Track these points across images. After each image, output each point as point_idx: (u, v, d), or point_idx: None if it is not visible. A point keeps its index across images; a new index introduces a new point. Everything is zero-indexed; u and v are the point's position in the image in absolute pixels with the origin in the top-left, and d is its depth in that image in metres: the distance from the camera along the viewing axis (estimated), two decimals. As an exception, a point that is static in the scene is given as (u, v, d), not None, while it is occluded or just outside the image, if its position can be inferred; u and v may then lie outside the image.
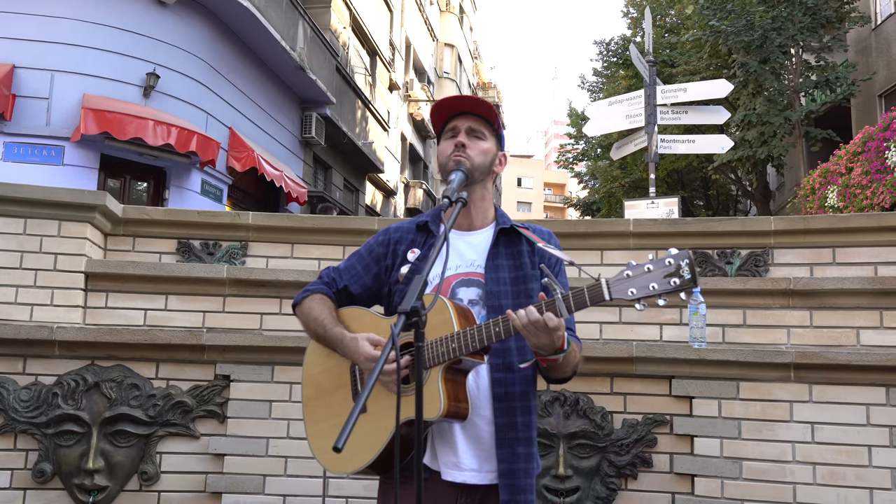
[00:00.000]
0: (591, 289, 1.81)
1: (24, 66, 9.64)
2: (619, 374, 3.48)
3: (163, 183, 10.87)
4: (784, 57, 14.86)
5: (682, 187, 21.54)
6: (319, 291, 2.18)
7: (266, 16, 12.01)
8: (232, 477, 3.49)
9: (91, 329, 3.57)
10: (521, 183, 65.98)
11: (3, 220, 3.82)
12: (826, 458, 3.22)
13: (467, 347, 1.88)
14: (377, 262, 2.18)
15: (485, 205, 2.17)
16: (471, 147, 2.09)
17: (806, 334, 3.72)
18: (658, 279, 1.76)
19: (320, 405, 2.10)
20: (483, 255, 2.10)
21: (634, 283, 1.78)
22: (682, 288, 1.74)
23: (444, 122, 2.17)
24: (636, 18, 20.47)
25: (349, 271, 2.21)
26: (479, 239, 2.14)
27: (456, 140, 2.10)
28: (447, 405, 1.87)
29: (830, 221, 4.04)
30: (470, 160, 2.08)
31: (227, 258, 4.23)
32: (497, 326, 1.87)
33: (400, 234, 2.19)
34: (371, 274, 2.18)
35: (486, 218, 2.18)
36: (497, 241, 2.12)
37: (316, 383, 2.14)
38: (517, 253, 2.12)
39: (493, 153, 2.15)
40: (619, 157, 11.35)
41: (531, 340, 1.85)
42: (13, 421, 3.44)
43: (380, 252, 2.18)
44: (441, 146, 2.14)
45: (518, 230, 2.14)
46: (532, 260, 2.11)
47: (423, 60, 27.83)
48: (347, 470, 2.01)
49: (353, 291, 2.18)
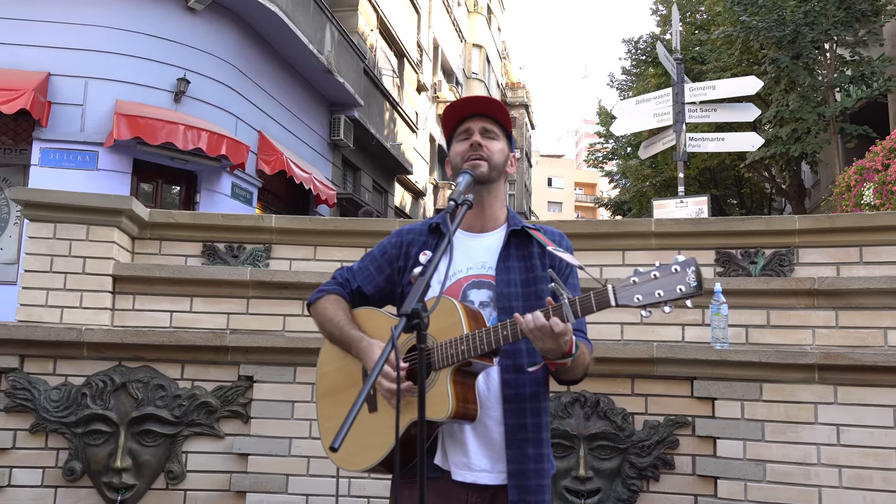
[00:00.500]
0: (597, 294, 1.82)
1: (59, 74, 9.84)
2: (640, 376, 3.47)
3: (194, 186, 11.04)
4: (817, 52, 14.60)
5: (714, 186, 21.28)
6: (333, 292, 2.22)
7: (294, 20, 12.13)
8: (256, 476, 3.54)
9: (118, 331, 3.65)
10: (552, 183, 65.71)
11: (34, 224, 3.91)
12: (852, 461, 3.17)
13: (476, 350, 1.89)
14: (390, 264, 2.20)
15: (497, 206, 2.18)
16: (486, 147, 2.11)
17: (831, 335, 3.66)
18: (664, 286, 1.77)
19: (333, 403, 2.13)
20: (494, 256, 2.11)
21: (640, 289, 1.79)
22: (687, 296, 1.75)
23: (454, 126, 2.18)
24: (665, 16, 20.27)
25: (362, 272, 2.23)
26: (490, 241, 2.15)
27: (471, 140, 2.11)
28: (455, 406, 1.89)
29: (857, 220, 3.97)
30: (489, 160, 2.10)
31: (251, 260, 4.29)
32: (505, 330, 1.88)
33: (412, 236, 2.20)
34: (384, 275, 2.21)
35: (497, 220, 2.19)
36: (508, 243, 2.12)
37: (329, 381, 2.17)
38: (528, 255, 2.12)
39: (506, 153, 2.17)
40: (647, 156, 11.24)
41: (538, 345, 1.86)
42: (44, 420, 3.53)
43: (392, 254, 2.20)
44: (455, 148, 2.16)
45: (529, 232, 2.15)
46: (543, 262, 2.12)
47: (451, 61, 27.85)
48: (358, 467, 2.04)
49: (367, 292, 2.21)
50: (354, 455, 2.04)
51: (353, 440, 2.01)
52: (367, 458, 2.02)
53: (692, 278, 1.74)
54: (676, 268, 1.76)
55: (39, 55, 9.78)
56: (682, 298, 1.75)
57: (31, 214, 3.92)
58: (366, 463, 2.02)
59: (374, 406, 2.04)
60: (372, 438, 1.99)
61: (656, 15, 21.53)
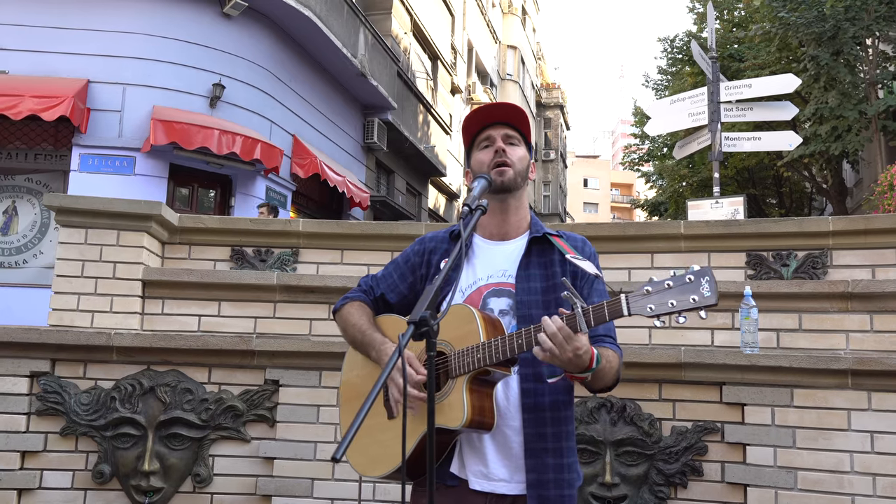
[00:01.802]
0: (610, 304, 1.79)
1: (97, 81, 10.05)
2: (668, 381, 3.41)
3: (229, 190, 11.18)
4: (858, 48, 14.26)
5: (752, 185, 20.91)
6: (358, 299, 2.23)
7: (327, 24, 12.22)
8: (281, 480, 3.56)
9: (146, 335, 3.69)
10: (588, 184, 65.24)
11: (66, 230, 3.99)
12: (887, 469, 3.08)
13: (492, 358, 1.87)
14: (413, 272, 2.20)
15: (521, 214, 2.16)
16: (510, 153, 2.09)
17: (865, 339, 3.56)
18: (677, 296, 1.74)
19: (354, 409, 2.13)
20: (515, 264, 2.08)
21: (653, 299, 1.76)
22: (700, 306, 1.72)
23: (473, 134, 2.16)
24: (701, 13, 19.98)
25: (386, 280, 2.24)
26: (511, 248, 2.12)
27: (496, 147, 2.09)
28: (471, 415, 1.87)
29: (893, 221, 3.85)
30: (513, 167, 2.08)
31: (278, 265, 4.32)
32: (520, 338, 1.86)
33: (434, 244, 2.20)
34: (407, 283, 2.21)
35: (520, 227, 2.16)
36: (529, 251, 2.10)
37: (351, 387, 2.18)
38: (549, 262, 2.09)
39: (528, 160, 2.15)
40: (682, 156, 11.09)
41: (556, 355, 1.82)
42: (74, 424, 3.59)
43: (415, 261, 2.21)
44: (477, 156, 2.13)
45: (550, 239, 2.12)
46: (564, 269, 2.08)
47: (486, 63, 27.81)
48: (376, 473, 2.04)
49: (390, 300, 2.22)
50: (374, 461, 2.04)
51: (373, 446, 2.03)
52: (384, 465, 2.01)
53: (706, 288, 1.71)
54: (690, 277, 1.74)
55: (78, 63, 9.99)
56: (695, 309, 1.72)
57: (62, 220, 4.00)
58: (383, 470, 2.02)
59: (391, 413, 2.03)
60: (390, 445, 1.98)
61: (693, 13, 21.23)
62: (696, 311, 1.72)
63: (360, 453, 2.05)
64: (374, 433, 2.02)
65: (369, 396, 1.52)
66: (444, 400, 1.91)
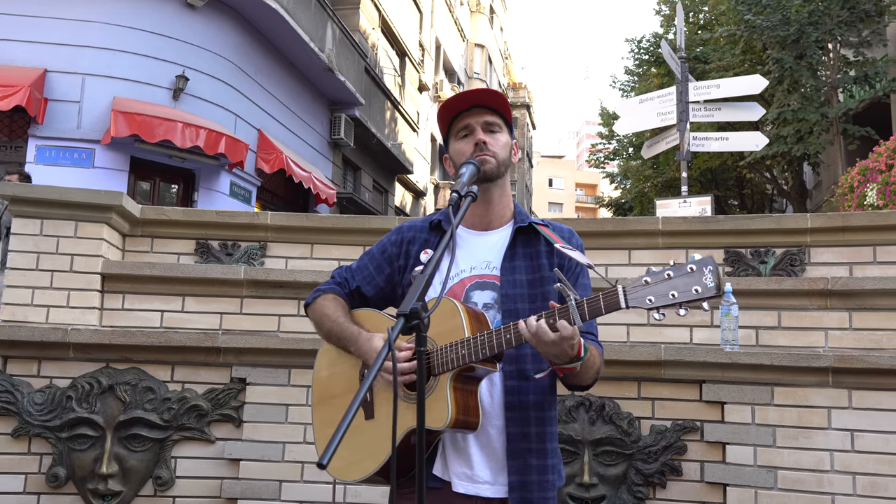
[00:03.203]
0: (606, 296, 1.69)
1: (55, 70, 9.76)
2: (647, 379, 3.34)
3: (192, 185, 10.94)
4: (821, 52, 14.48)
5: (715, 186, 21.16)
6: (331, 291, 2.11)
7: (295, 17, 12.03)
8: (248, 482, 3.42)
9: (105, 331, 3.52)
10: (553, 183, 65.60)
11: (20, 220, 3.79)
12: (867, 468, 3.05)
13: (477, 354, 1.77)
14: (390, 263, 2.09)
15: (504, 202, 2.05)
16: (491, 143, 1.97)
17: (845, 337, 3.54)
18: (679, 287, 1.64)
19: (328, 410, 2.03)
20: (499, 255, 1.98)
21: (653, 290, 1.66)
22: (704, 297, 1.62)
23: (450, 121, 2.04)
24: (668, 16, 20.17)
25: (361, 272, 2.12)
26: (495, 239, 2.02)
27: (476, 138, 1.97)
28: (455, 414, 1.78)
29: (870, 218, 3.85)
30: (496, 157, 1.97)
31: (245, 259, 4.17)
32: (508, 333, 1.76)
33: (413, 234, 2.08)
34: (384, 275, 2.09)
35: (504, 217, 2.05)
36: (514, 241, 1.99)
37: (325, 387, 2.07)
38: (535, 253, 1.99)
39: (510, 145, 2.04)
40: (651, 155, 11.14)
41: (542, 350, 1.73)
42: (27, 424, 3.40)
43: (392, 252, 2.09)
44: (457, 146, 2.01)
45: (536, 228, 2.02)
46: (551, 261, 1.98)
47: (454, 61, 27.76)
48: (354, 477, 1.93)
49: (366, 293, 2.10)
50: (350, 465, 1.93)
51: (349, 449, 1.90)
52: (363, 467, 1.91)
53: (710, 279, 1.62)
54: (692, 267, 1.64)
55: (36, 51, 9.69)
56: (699, 300, 1.63)
57: (17, 210, 3.80)
58: (361, 473, 1.91)
59: (370, 413, 1.92)
60: (368, 447, 1.89)
61: (660, 15, 21.42)
62: (699, 303, 1.63)
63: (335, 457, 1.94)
64: (350, 436, 1.90)
65: (356, 397, 1.40)
66: (427, 398, 1.80)
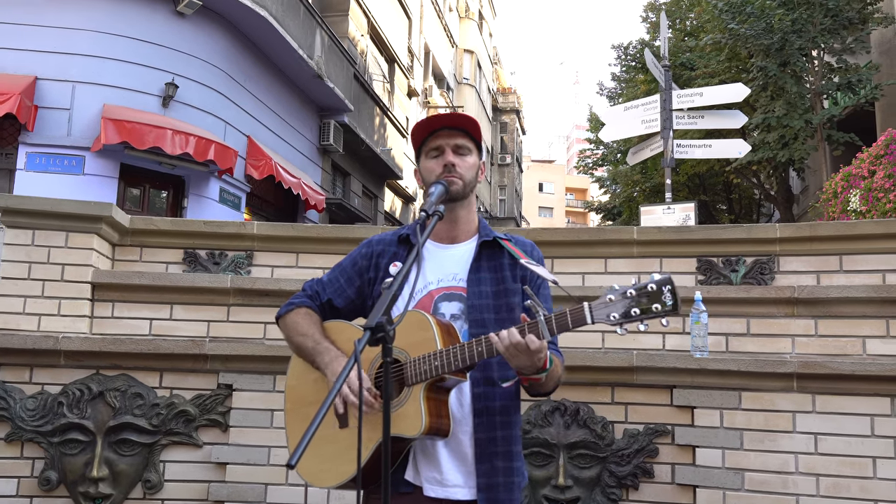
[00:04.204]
0: (573, 312, 1.82)
1: (45, 78, 9.81)
2: (620, 384, 3.46)
3: (182, 191, 11.00)
4: (805, 60, 14.67)
5: (703, 192, 21.37)
6: (304, 305, 2.19)
7: (283, 25, 12.12)
8: (234, 486, 3.52)
9: (95, 339, 3.62)
10: (543, 188, 65.82)
11: (12, 231, 3.88)
12: (830, 470, 3.17)
13: (451, 366, 1.88)
14: (360, 276, 2.18)
15: (469, 218, 2.17)
16: (459, 165, 2.09)
17: (811, 343, 3.67)
18: (640, 305, 1.77)
19: (301, 417, 2.10)
20: (465, 268, 2.10)
21: (616, 307, 1.79)
22: (663, 314, 1.75)
23: (423, 139, 2.15)
24: (655, 23, 20.35)
25: (332, 284, 2.21)
26: (461, 251, 2.14)
27: (445, 160, 2.08)
28: (429, 423, 1.88)
29: (837, 228, 3.98)
30: (462, 178, 2.09)
31: (232, 268, 4.26)
32: (480, 346, 1.87)
33: (382, 247, 2.18)
34: (354, 287, 2.18)
35: (469, 231, 2.18)
36: (479, 255, 2.11)
37: (298, 395, 2.14)
38: (499, 266, 2.11)
39: (477, 166, 2.16)
40: (635, 162, 11.28)
41: (512, 362, 1.85)
42: (20, 429, 3.49)
43: (363, 265, 2.18)
44: (427, 164, 2.13)
45: (500, 242, 2.14)
46: (514, 273, 2.11)
47: (443, 67, 27.87)
48: (328, 484, 2.02)
49: (337, 305, 2.19)
50: (325, 472, 2.01)
51: (323, 457, 1.99)
52: (336, 475, 1.98)
53: (668, 297, 1.75)
54: (653, 286, 1.77)
55: (26, 59, 9.74)
56: (658, 317, 1.76)
57: (8, 221, 3.89)
58: (335, 480, 1.99)
59: (345, 422, 2.00)
60: (342, 455, 1.96)
61: (646, 22, 21.62)
62: (658, 319, 1.75)
63: (310, 463, 2.01)
64: (324, 443, 1.99)
65: (323, 406, 1.51)
66: (401, 408, 1.90)
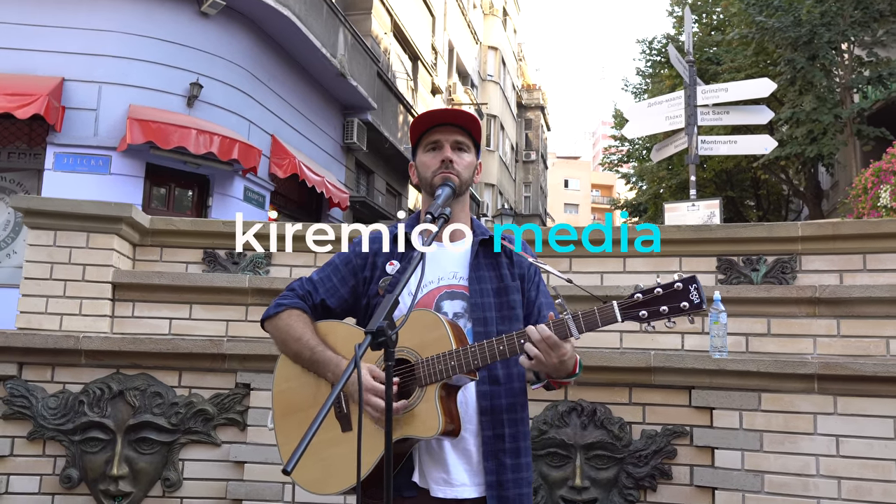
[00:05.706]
0: (601, 310, 1.82)
1: (72, 79, 9.93)
2: (638, 385, 3.43)
3: (206, 190, 11.10)
4: (834, 53, 14.42)
5: (730, 188, 21.08)
6: (295, 307, 2.11)
7: (306, 24, 12.17)
8: (252, 484, 3.54)
9: (115, 338, 3.66)
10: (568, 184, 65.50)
11: (34, 232, 3.94)
12: (851, 473, 3.12)
13: (469, 365, 1.86)
14: (354, 275, 2.13)
15: (463, 216, 2.16)
16: (457, 162, 2.08)
17: (833, 344, 3.61)
18: (668, 303, 1.79)
19: (296, 423, 2.05)
20: (465, 266, 2.09)
21: (645, 305, 1.80)
22: (690, 312, 1.78)
23: (420, 133, 2.13)
24: (681, 17, 20.13)
25: (324, 283, 2.13)
26: (459, 250, 2.13)
27: (443, 156, 2.07)
28: (444, 423, 1.86)
29: (861, 227, 3.90)
30: (459, 176, 2.07)
31: (251, 267, 4.29)
32: (502, 345, 1.85)
33: (378, 245, 2.14)
34: (348, 286, 2.13)
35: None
36: (477, 253, 2.11)
37: (289, 400, 2.08)
38: (497, 264, 2.12)
39: (474, 165, 2.15)
40: (660, 158, 11.15)
41: (542, 363, 1.82)
42: (42, 428, 3.55)
43: (357, 264, 2.13)
44: (423, 159, 2.11)
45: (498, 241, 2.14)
46: (512, 271, 2.12)
47: (467, 64, 27.82)
48: (330, 490, 1.97)
49: (330, 305, 2.12)
50: (327, 478, 1.96)
51: (325, 462, 1.95)
52: (339, 481, 1.94)
53: (695, 295, 1.77)
54: (679, 285, 1.79)
55: (53, 60, 9.88)
56: (686, 314, 1.78)
57: (31, 222, 3.95)
58: (338, 486, 1.95)
59: (348, 426, 1.97)
60: (345, 461, 1.91)
61: (672, 16, 21.38)
62: (686, 316, 1.79)
63: (309, 470, 1.96)
64: (326, 448, 1.95)
65: (324, 407, 1.50)
66: (415, 409, 1.88)
